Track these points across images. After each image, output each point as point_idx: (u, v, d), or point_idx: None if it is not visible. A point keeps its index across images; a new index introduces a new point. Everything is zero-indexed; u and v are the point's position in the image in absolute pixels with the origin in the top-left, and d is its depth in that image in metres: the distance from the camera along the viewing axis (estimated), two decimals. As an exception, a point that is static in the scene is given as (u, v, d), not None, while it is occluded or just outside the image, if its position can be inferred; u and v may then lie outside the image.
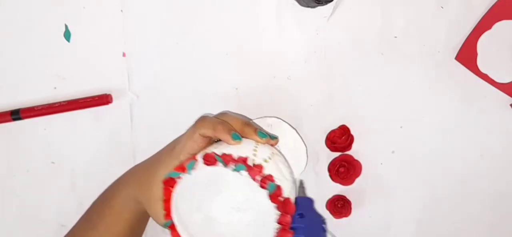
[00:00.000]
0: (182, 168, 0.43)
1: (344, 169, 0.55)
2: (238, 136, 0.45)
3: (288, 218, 0.42)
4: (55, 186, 0.58)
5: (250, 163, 0.42)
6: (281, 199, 0.42)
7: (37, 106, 0.56)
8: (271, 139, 0.47)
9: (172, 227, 0.45)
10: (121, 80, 0.57)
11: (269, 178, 0.42)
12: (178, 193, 0.44)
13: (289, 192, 0.44)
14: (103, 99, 0.56)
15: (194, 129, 0.47)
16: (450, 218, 0.58)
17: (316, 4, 0.53)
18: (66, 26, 0.56)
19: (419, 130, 0.57)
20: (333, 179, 0.56)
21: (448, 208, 0.58)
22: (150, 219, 0.58)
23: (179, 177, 0.43)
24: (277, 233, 0.42)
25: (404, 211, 0.58)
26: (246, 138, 0.46)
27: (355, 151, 0.57)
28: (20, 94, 0.57)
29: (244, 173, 0.41)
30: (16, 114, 0.56)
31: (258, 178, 0.41)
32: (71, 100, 0.56)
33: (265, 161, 0.44)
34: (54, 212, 0.58)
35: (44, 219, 0.59)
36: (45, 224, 0.59)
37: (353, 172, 0.55)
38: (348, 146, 0.56)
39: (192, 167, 0.43)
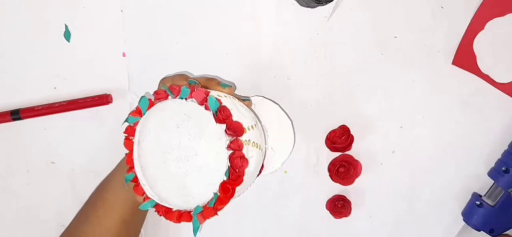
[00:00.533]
0: (138, 111, 0.43)
1: (344, 169, 0.55)
2: (227, 85, 0.47)
3: (240, 142, 0.41)
4: (55, 186, 0.58)
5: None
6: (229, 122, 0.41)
7: (37, 106, 0.56)
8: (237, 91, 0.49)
9: (135, 180, 0.44)
10: (121, 80, 0.57)
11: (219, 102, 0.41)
12: (138, 142, 0.43)
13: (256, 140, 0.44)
14: (103, 99, 0.56)
15: (161, 83, 0.49)
16: (450, 218, 0.58)
17: (316, 4, 0.52)
18: (66, 26, 0.56)
19: (419, 130, 0.57)
20: (333, 179, 0.56)
21: (448, 208, 0.58)
22: (152, 219, 0.58)
23: (136, 123, 0.43)
24: (230, 160, 0.40)
25: (404, 211, 0.58)
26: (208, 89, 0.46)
27: (355, 151, 0.57)
28: (20, 94, 0.57)
29: (190, 100, 0.41)
30: (16, 114, 0.56)
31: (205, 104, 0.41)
32: (71, 100, 0.56)
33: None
34: (54, 212, 0.58)
35: (44, 219, 0.59)
36: (45, 224, 0.59)
37: (353, 172, 0.55)
38: (348, 146, 0.56)
39: (146, 106, 0.43)
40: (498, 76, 0.56)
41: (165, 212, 0.43)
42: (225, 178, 0.41)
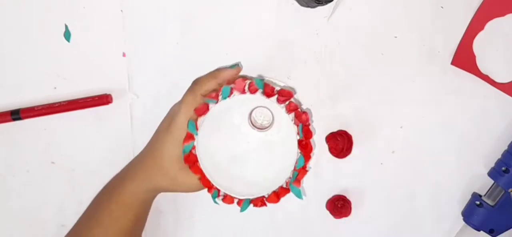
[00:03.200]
0: (215, 95, 0.47)
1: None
2: (234, 65, 0.52)
3: (295, 102, 0.47)
4: (55, 186, 0.58)
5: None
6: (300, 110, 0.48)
7: (37, 106, 0.56)
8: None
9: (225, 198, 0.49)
10: (121, 80, 0.56)
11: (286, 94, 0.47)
12: (204, 123, 0.48)
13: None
14: (103, 99, 0.56)
15: (192, 94, 0.49)
16: (450, 218, 0.58)
17: (316, 4, 0.52)
18: (66, 26, 0.56)
19: (419, 130, 0.57)
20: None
21: (448, 208, 0.58)
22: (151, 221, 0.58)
23: (210, 104, 0.47)
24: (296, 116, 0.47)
25: (404, 211, 0.58)
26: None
27: (355, 152, 0.57)
28: (20, 94, 0.57)
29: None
30: (16, 114, 0.56)
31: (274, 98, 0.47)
32: (71, 100, 0.56)
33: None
34: (54, 212, 0.58)
35: (44, 219, 0.59)
36: (45, 224, 0.59)
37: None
38: (348, 147, 0.56)
39: (227, 94, 0.47)
40: (498, 76, 0.56)
41: (263, 201, 0.49)
42: (299, 137, 0.47)
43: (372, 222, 0.58)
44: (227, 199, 0.49)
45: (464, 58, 0.55)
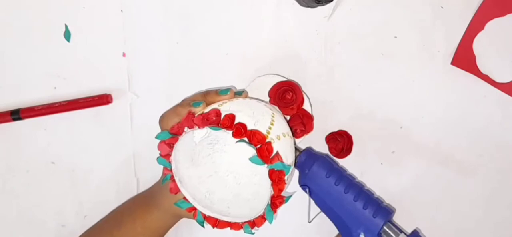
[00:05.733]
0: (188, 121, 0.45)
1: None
2: (226, 90, 0.49)
3: (268, 147, 0.43)
4: (55, 186, 0.58)
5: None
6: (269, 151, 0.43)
7: (37, 106, 0.56)
8: (238, 95, 0.50)
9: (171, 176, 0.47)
10: (121, 80, 0.57)
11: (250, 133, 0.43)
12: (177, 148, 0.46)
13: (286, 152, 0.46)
14: (103, 99, 0.56)
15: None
16: (451, 218, 0.58)
17: (316, 4, 0.53)
18: (66, 26, 0.56)
19: (419, 130, 0.57)
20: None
21: (448, 208, 0.58)
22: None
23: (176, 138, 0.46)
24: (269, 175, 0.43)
25: (404, 211, 0.58)
26: (212, 103, 0.48)
27: (355, 152, 0.57)
28: (20, 94, 0.57)
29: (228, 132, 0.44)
30: (16, 114, 0.56)
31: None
32: (71, 100, 0.56)
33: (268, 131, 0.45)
34: (54, 212, 0.58)
35: (44, 219, 0.59)
36: (45, 224, 0.59)
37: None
38: (348, 147, 0.56)
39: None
40: (498, 76, 0.56)
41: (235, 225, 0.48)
42: (271, 193, 0.44)
43: (372, 222, 0.58)
44: (211, 220, 0.48)
45: (464, 58, 0.55)
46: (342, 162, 0.57)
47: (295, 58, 0.56)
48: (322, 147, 0.57)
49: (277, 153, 0.44)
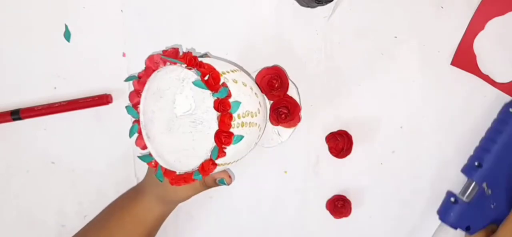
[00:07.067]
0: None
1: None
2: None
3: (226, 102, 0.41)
4: (55, 186, 0.58)
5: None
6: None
7: (37, 106, 0.56)
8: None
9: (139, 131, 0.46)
10: (121, 80, 0.56)
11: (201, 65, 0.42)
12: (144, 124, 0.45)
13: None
14: (103, 99, 0.56)
15: None
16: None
17: (316, 4, 0.53)
18: (66, 26, 0.56)
19: (419, 130, 0.57)
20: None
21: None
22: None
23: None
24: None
25: (404, 211, 0.58)
26: None
27: (355, 152, 0.57)
28: (20, 94, 0.57)
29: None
30: (16, 114, 0.56)
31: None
32: (71, 100, 0.56)
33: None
34: (54, 212, 0.58)
35: (44, 219, 0.59)
36: (45, 224, 0.59)
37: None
38: (348, 147, 0.56)
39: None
40: (498, 76, 0.56)
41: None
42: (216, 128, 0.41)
43: (372, 222, 0.58)
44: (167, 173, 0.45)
45: (464, 58, 0.55)
46: (342, 162, 0.57)
47: (295, 58, 0.56)
48: (322, 147, 0.57)
49: (224, 83, 0.42)
